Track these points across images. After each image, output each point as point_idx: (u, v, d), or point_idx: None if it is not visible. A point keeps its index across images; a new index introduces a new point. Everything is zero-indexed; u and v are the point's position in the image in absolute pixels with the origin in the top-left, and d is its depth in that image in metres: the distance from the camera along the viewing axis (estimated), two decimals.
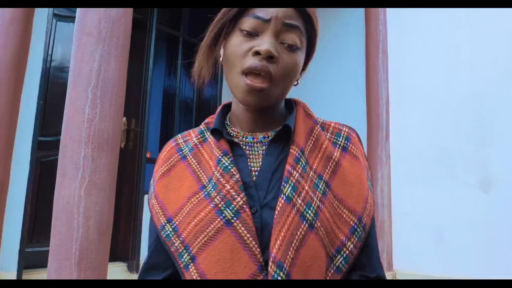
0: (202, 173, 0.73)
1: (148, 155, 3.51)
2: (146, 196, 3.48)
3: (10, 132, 2.73)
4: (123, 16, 1.55)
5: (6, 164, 2.70)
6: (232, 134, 0.76)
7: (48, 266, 1.44)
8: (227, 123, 0.78)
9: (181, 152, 0.78)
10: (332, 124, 0.80)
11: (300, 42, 0.71)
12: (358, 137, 0.80)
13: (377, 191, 3.23)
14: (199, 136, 0.78)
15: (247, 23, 0.69)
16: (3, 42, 2.64)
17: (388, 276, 3.06)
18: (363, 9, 3.69)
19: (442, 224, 3.03)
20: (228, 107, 0.81)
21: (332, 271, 0.67)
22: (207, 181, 0.71)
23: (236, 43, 0.70)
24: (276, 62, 0.68)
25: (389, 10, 3.56)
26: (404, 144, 3.32)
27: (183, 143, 0.79)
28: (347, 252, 0.68)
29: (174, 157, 0.77)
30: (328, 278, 0.67)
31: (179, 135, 0.82)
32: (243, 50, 0.68)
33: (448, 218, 3.01)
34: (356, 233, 0.69)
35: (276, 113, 0.76)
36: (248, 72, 0.67)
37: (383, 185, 3.25)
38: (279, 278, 0.62)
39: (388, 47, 3.51)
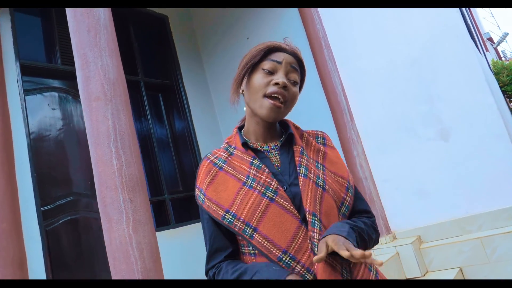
0: (239, 174, 1.04)
1: None
2: None
3: (15, 211, 2.82)
4: (119, 76, 1.79)
5: (19, 242, 2.79)
6: (252, 146, 1.08)
7: None
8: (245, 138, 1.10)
9: (216, 165, 1.07)
10: (311, 132, 1.18)
11: (298, 80, 1.07)
12: (328, 136, 1.19)
13: (357, 167, 3.57)
14: (226, 152, 1.11)
15: (268, 65, 1.04)
16: None
17: (388, 237, 3.41)
18: (298, 14, 4.08)
19: (419, 179, 3.44)
20: (240, 128, 1.16)
21: (341, 216, 1.02)
22: (245, 178, 1.02)
23: (260, 77, 1.04)
24: (287, 90, 1.02)
25: (320, 9, 3.98)
26: (368, 120, 3.72)
27: (215, 159, 1.11)
28: (347, 203, 1.05)
29: (213, 170, 1.07)
30: (340, 220, 1.00)
31: (209, 154, 1.13)
32: (265, 81, 1.04)
33: (422, 172, 3.42)
34: (349, 190, 1.06)
35: (276, 129, 1.12)
36: (270, 96, 1.02)
37: (360, 161, 3.59)
38: (316, 222, 0.94)
39: (330, 42, 3.92)
